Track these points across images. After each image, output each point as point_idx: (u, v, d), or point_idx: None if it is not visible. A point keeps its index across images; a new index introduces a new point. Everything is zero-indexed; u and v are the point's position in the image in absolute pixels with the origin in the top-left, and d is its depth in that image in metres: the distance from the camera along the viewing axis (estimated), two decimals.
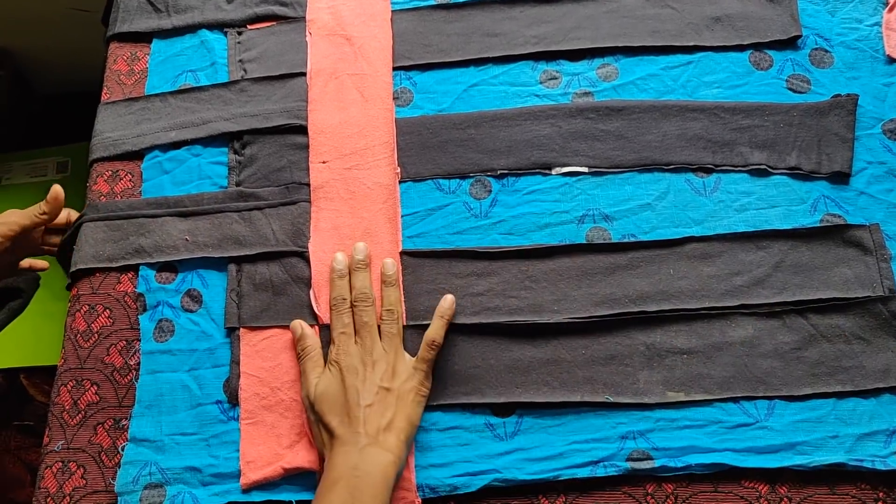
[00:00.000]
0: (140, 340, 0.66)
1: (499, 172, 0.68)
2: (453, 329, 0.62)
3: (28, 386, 0.99)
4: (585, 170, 0.67)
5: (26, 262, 0.84)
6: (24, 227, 0.73)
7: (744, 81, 0.69)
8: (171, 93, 0.75)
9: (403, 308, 0.64)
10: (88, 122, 0.77)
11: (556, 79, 0.71)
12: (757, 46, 0.71)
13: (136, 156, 0.73)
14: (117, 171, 0.73)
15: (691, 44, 0.71)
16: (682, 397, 0.59)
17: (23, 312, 1.04)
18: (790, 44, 0.71)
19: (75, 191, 0.90)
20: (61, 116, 1.18)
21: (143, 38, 0.79)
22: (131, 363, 0.66)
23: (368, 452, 0.55)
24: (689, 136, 0.67)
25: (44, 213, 0.74)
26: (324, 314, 0.64)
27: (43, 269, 0.84)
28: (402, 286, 0.65)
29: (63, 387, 0.66)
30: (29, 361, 1.00)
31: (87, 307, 0.68)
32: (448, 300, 0.62)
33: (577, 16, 0.73)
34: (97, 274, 0.69)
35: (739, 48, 0.71)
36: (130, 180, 0.73)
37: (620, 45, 0.71)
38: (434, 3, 0.76)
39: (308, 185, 0.69)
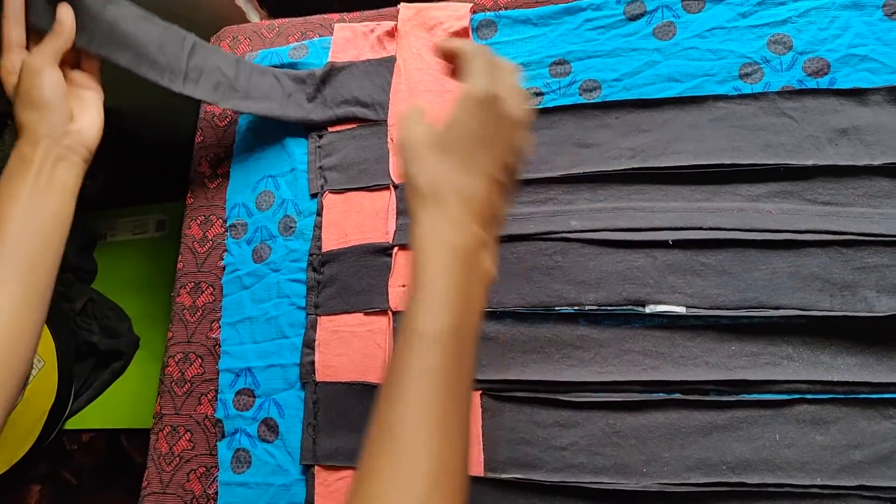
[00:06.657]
0: (218, 469, 0.66)
1: (587, 308, 0.63)
2: (532, 487, 0.59)
3: (128, 448, 1.03)
4: (682, 310, 0.61)
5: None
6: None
7: None
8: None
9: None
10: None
11: None
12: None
13: None
14: (199, 282, 0.73)
15: (810, 162, 0.62)
16: None
17: (123, 374, 1.09)
18: None
19: (173, 248, 0.90)
20: (159, 170, 1.21)
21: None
22: (210, 492, 0.66)
23: None
24: (803, 275, 0.60)
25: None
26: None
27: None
28: (480, 428, 0.61)
29: None
30: (128, 423, 1.04)
31: (170, 428, 0.69)
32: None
33: (680, 125, 0.66)
34: (179, 392, 0.70)
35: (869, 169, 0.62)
36: (212, 294, 0.73)
37: (727, 161, 0.64)
38: None
39: (388, 310, 0.66)
